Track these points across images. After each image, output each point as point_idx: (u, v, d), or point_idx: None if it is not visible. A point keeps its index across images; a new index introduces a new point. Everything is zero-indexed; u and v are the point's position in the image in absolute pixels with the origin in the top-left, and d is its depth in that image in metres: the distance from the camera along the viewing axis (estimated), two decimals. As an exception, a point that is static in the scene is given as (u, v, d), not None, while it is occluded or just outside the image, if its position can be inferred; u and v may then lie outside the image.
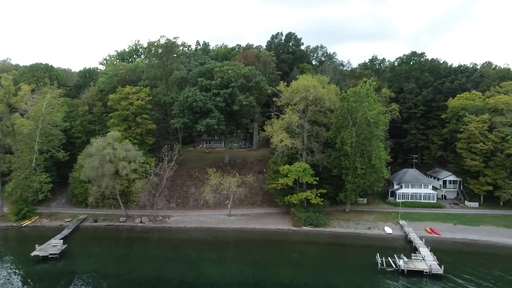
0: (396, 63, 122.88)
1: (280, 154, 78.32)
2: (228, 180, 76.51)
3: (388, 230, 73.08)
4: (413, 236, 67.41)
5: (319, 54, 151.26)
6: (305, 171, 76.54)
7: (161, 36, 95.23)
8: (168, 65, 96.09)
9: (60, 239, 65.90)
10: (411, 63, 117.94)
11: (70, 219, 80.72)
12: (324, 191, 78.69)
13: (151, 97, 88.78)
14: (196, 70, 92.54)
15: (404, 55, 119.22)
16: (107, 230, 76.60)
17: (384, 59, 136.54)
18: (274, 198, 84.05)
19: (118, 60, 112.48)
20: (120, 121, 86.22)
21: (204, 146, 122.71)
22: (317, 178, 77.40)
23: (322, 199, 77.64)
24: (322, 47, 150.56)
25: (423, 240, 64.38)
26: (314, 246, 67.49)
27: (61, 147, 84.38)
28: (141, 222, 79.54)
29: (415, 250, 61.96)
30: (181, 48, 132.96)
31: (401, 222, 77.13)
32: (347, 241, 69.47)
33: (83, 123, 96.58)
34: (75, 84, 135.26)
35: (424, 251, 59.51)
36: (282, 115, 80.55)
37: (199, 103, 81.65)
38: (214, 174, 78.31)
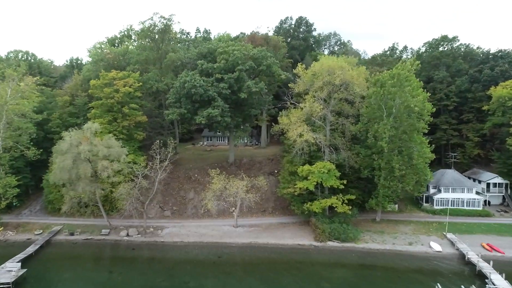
0: (423, 49, 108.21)
1: (299, 151, 63.66)
2: (235, 184, 61.68)
3: (436, 246, 58.31)
4: (473, 256, 52.60)
5: (332, 43, 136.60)
6: (330, 172, 61.93)
7: (154, 14, 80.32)
8: (162, 47, 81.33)
9: (19, 261, 51.02)
10: (440, 49, 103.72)
11: (41, 231, 66.07)
12: (353, 197, 64.06)
13: (141, 83, 73.96)
14: (195, 52, 77.88)
15: (433, 39, 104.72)
16: (84, 246, 61.87)
17: (406, 46, 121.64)
18: (290, 205, 69.42)
19: (105, 44, 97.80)
20: (103, 112, 71.55)
21: (205, 143, 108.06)
22: (344, 182, 62.86)
23: (350, 207, 63.03)
24: (335, 34, 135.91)
25: (491, 262, 49.58)
26: (346, 270, 52.62)
27: (31, 143, 69.73)
28: (127, 235, 64.86)
29: (481, 276, 47.30)
30: (179, 35, 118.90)
31: (449, 235, 62.35)
32: (387, 262, 54.63)
33: (62, 115, 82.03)
34: (60, 75, 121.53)
35: (497, 279, 44.82)
36: (300, 104, 65.86)
37: (199, 89, 67.04)
38: (217, 177, 63.40)
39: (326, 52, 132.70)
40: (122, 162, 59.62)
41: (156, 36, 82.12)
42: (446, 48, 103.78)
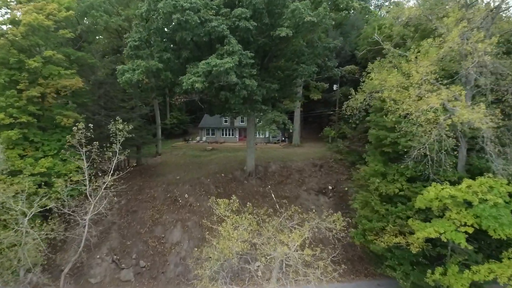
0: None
1: (423, 152, 26.58)
2: (278, 241, 23.01)
3: None
4: None
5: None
6: (509, 204, 25.19)
7: None
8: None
9: None
10: None
11: None
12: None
13: (71, 11, 36.55)
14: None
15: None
16: None
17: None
18: (386, 267, 32.50)
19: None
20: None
21: (204, 138, 71.24)
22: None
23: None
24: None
25: None
26: None
27: None
28: None
29: None
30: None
31: None
32: None
33: None
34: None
35: None
36: (427, 40, 28.56)
37: (190, 17, 30.10)
38: (234, 217, 24.19)
39: (372, 8, 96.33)
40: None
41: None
42: None
